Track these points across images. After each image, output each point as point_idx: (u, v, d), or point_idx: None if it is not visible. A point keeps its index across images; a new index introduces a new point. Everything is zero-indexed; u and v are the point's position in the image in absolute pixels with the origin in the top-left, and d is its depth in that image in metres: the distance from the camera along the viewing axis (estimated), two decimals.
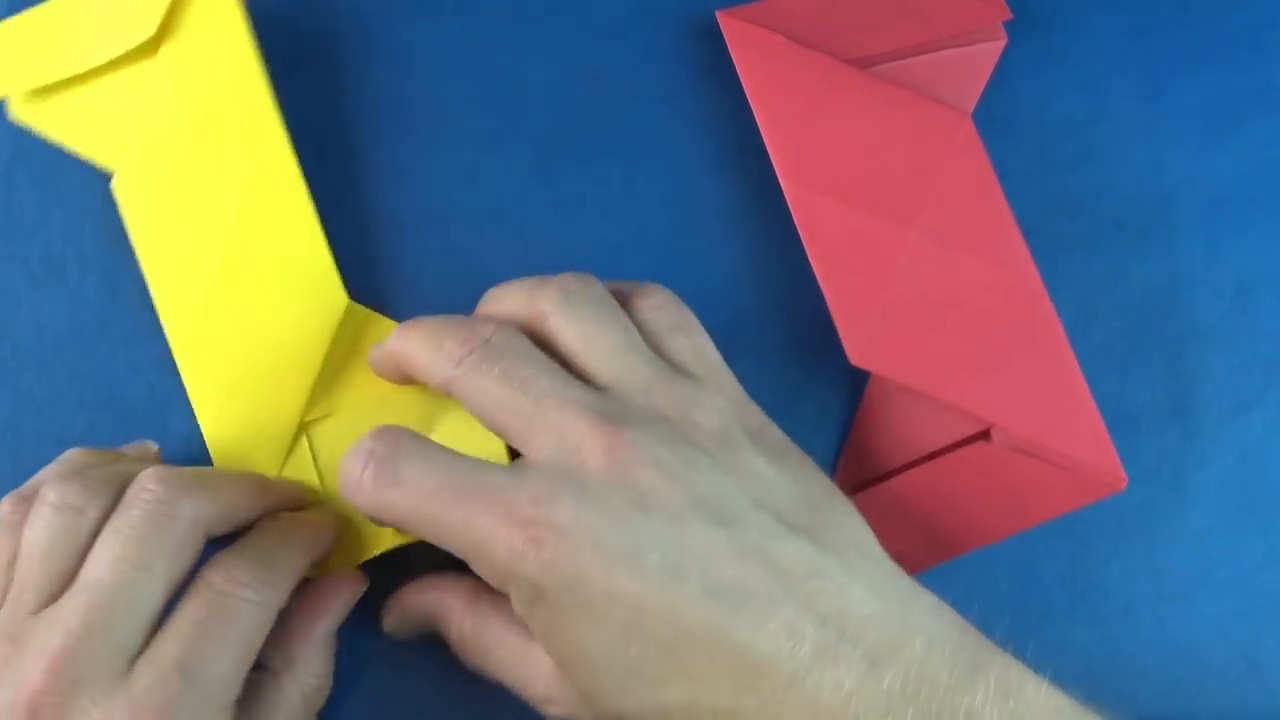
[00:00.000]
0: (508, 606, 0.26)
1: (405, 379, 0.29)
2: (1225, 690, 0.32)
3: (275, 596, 0.26)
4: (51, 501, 0.26)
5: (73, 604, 0.25)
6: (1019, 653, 0.26)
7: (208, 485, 0.27)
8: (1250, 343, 0.33)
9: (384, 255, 0.33)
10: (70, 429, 0.32)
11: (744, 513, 0.25)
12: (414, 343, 0.28)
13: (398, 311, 0.31)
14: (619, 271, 0.33)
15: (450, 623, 0.28)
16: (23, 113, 0.32)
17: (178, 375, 0.33)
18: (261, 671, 0.27)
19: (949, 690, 0.23)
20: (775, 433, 0.27)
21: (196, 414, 0.31)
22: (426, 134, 0.34)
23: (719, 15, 0.33)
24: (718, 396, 0.27)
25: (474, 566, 0.25)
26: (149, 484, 0.26)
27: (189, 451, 0.32)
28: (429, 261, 0.33)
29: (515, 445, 0.26)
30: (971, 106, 0.33)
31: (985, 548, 0.31)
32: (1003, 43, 0.33)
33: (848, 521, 0.26)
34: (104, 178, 0.33)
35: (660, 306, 0.28)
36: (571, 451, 0.25)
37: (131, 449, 0.31)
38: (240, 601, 0.26)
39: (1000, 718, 0.23)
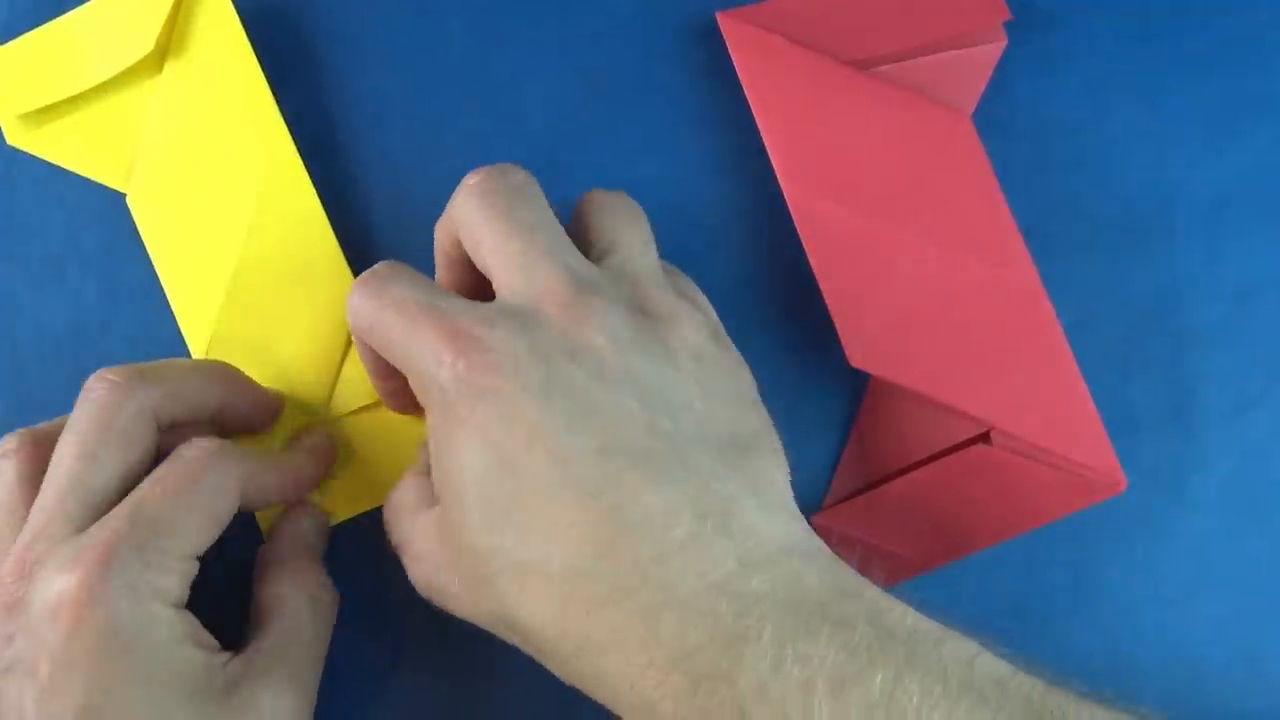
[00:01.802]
0: (426, 479, 0.26)
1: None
2: (1226, 691, 0.32)
3: (244, 469, 0.27)
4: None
5: (37, 507, 0.26)
6: (1020, 653, 0.25)
7: (156, 375, 0.28)
8: (1250, 345, 0.33)
9: (385, 255, 0.33)
10: None
11: (669, 406, 0.24)
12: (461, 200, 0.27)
13: None
14: None
15: (394, 512, 0.28)
16: (19, 139, 0.33)
17: None
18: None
19: (820, 602, 0.22)
20: (747, 377, 0.27)
21: None
22: (426, 134, 0.34)
23: (719, 16, 0.33)
24: (706, 322, 0.27)
25: (410, 380, 0.26)
26: (95, 382, 0.27)
27: None
28: (429, 261, 0.33)
29: (492, 277, 0.26)
30: (972, 108, 0.33)
31: (986, 550, 0.31)
32: (1003, 44, 0.33)
33: (766, 460, 0.25)
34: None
35: (650, 240, 0.29)
36: (534, 296, 0.25)
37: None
38: (204, 469, 0.26)
39: (869, 631, 0.22)
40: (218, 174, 0.32)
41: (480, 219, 0.26)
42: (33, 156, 0.33)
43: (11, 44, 0.33)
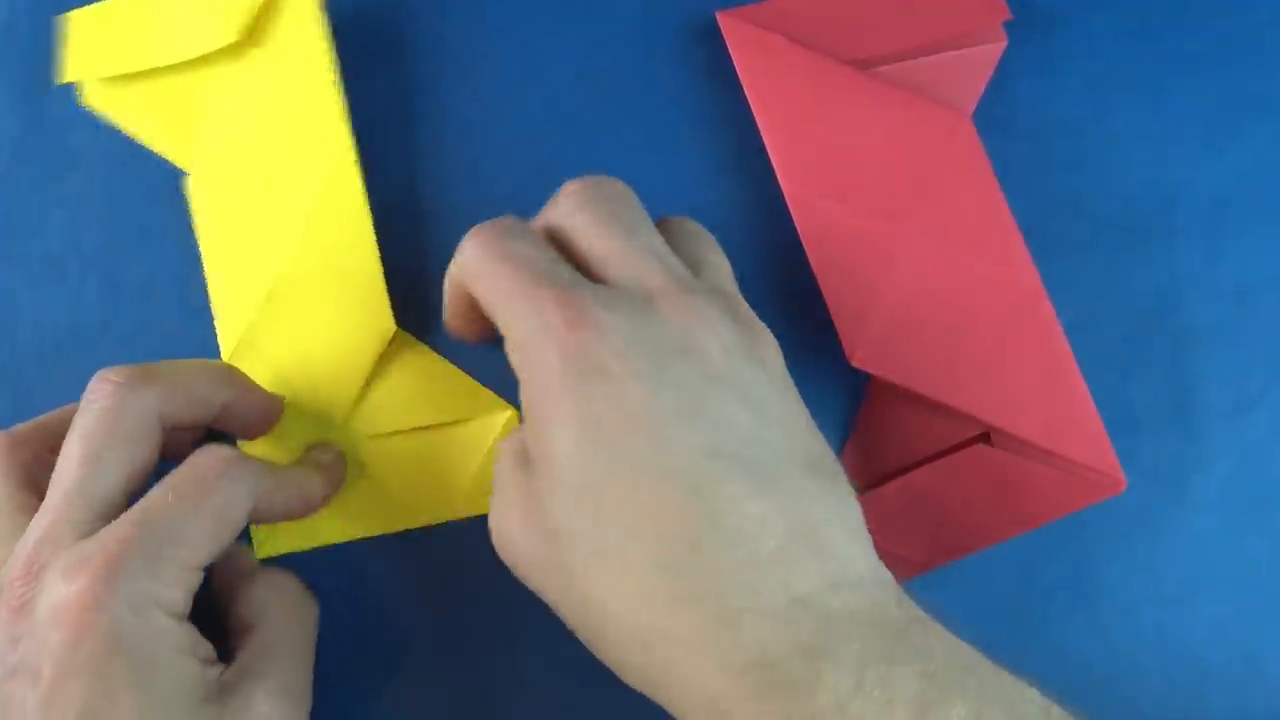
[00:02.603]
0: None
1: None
2: (1226, 691, 0.32)
3: (250, 474, 0.27)
4: None
5: (43, 509, 0.26)
6: (1020, 653, 0.25)
7: (159, 375, 0.27)
8: (1251, 344, 0.33)
9: (387, 255, 0.33)
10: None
11: (770, 421, 0.24)
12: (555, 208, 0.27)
13: (399, 313, 0.31)
14: None
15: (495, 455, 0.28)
16: (97, 99, 0.33)
17: None
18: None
19: (900, 630, 0.22)
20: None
21: None
22: (426, 133, 0.34)
23: (719, 16, 0.33)
24: (780, 356, 0.27)
25: (509, 339, 0.25)
26: (98, 384, 0.27)
27: None
28: (428, 261, 0.33)
29: (598, 272, 0.26)
30: (972, 108, 0.33)
31: (986, 550, 0.31)
32: (1003, 44, 0.33)
33: (847, 488, 0.25)
34: (106, 178, 0.33)
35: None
36: (646, 290, 0.25)
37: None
38: (218, 477, 0.26)
39: (951, 660, 0.22)
40: (278, 173, 0.31)
41: (586, 219, 0.26)
42: (33, 156, 0.33)
43: (95, 7, 0.33)
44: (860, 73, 0.32)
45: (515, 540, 0.25)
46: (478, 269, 0.26)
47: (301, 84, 0.32)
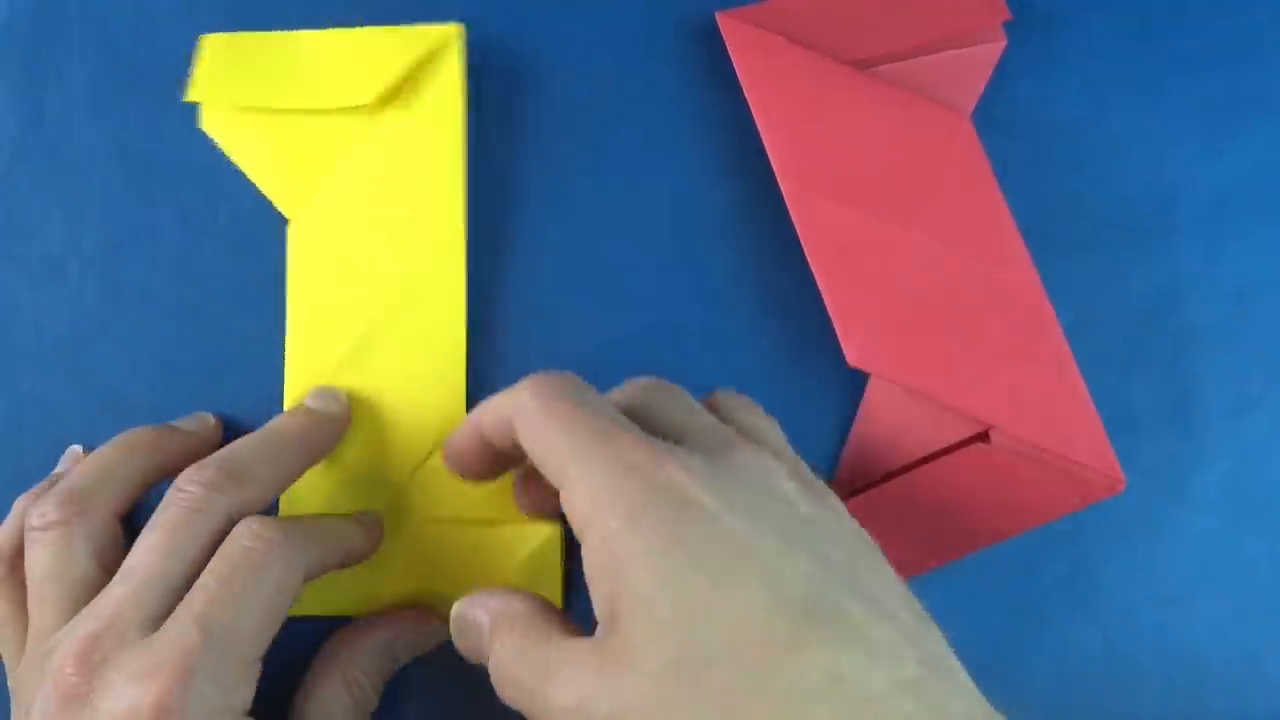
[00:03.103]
0: (554, 618, 0.25)
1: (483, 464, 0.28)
2: (1225, 691, 0.32)
3: (304, 558, 0.26)
4: (37, 524, 0.27)
5: (107, 597, 0.25)
6: (1020, 653, 0.25)
7: (241, 480, 0.27)
8: (1250, 345, 0.33)
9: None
10: (70, 429, 0.32)
11: (861, 559, 0.24)
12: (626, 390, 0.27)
13: None
14: (619, 271, 0.33)
15: (491, 638, 0.25)
16: (214, 125, 0.33)
17: (177, 375, 0.33)
18: (321, 665, 0.28)
19: None
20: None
21: None
22: None
23: (719, 16, 0.33)
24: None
25: (572, 490, 0.23)
26: (185, 485, 0.27)
27: None
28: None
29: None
30: (971, 107, 0.33)
31: (985, 550, 0.31)
32: (1002, 44, 0.33)
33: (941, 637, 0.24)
34: (106, 178, 0.33)
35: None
36: (722, 437, 0.25)
37: (189, 422, 0.32)
38: (265, 557, 0.26)
39: None
40: (385, 237, 0.31)
41: (653, 398, 0.26)
42: (33, 156, 0.33)
43: (232, 35, 0.33)
44: (859, 73, 0.32)
45: (609, 707, 0.22)
46: (540, 417, 0.24)
47: (429, 153, 0.32)
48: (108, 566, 0.27)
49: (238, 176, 0.33)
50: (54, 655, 0.25)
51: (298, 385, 0.31)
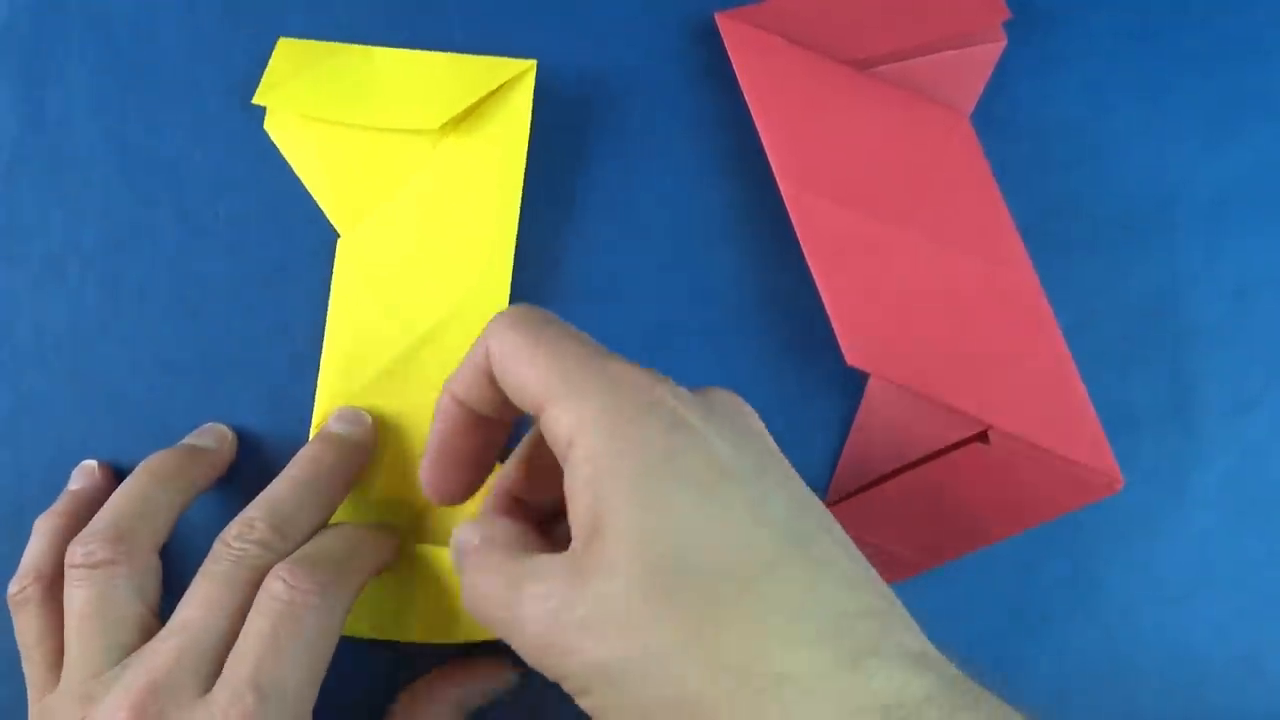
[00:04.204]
0: (525, 535, 0.25)
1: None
2: (1225, 691, 0.32)
3: (340, 599, 0.27)
4: (83, 562, 0.28)
5: (164, 645, 0.25)
6: (1020, 652, 0.25)
7: (288, 535, 0.28)
8: (1250, 343, 0.33)
9: None
10: (70, 429, 0.32)
11: (809, 509, 0.24)
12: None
13: None
14: (619, 272, 0.33)
15: (454, 542, 0.26)
16: (277, 130, 0.33)
17: (177, 375, 0.33)
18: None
19: (975, 699, 0.22)
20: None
21: None
22: None
23: (718, 17, 0.33)
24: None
25: (554, 410, 0.23)
26: (235, 543, 0.27)
27: None
28: None
29: None
30: (971, 107, 0.33)
31: (985, 550, 0.31)
32: (1002, 44, 0.33)
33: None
34: (106, 178, 0.33)
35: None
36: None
37: (205, 437, 0.32)
38: (304, 609, 0.26)
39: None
40: (435, 261, 0.31)
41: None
42: (32, 156, 0.33)
43: (307, 42, 0.33)
44: (859, 73, 0.32)
45: (570, 619, 0.22)
46: (524, 344, 0.24)
47: (488, 183, 0.32)
48: (150, 603, 0.28)
49: (238, 176, 0.33)
50: (102, 702, 0.25)
51: (330, 395, 0.31)
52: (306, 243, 0.33)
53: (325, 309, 0.32)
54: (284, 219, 0.33)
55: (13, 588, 0.29)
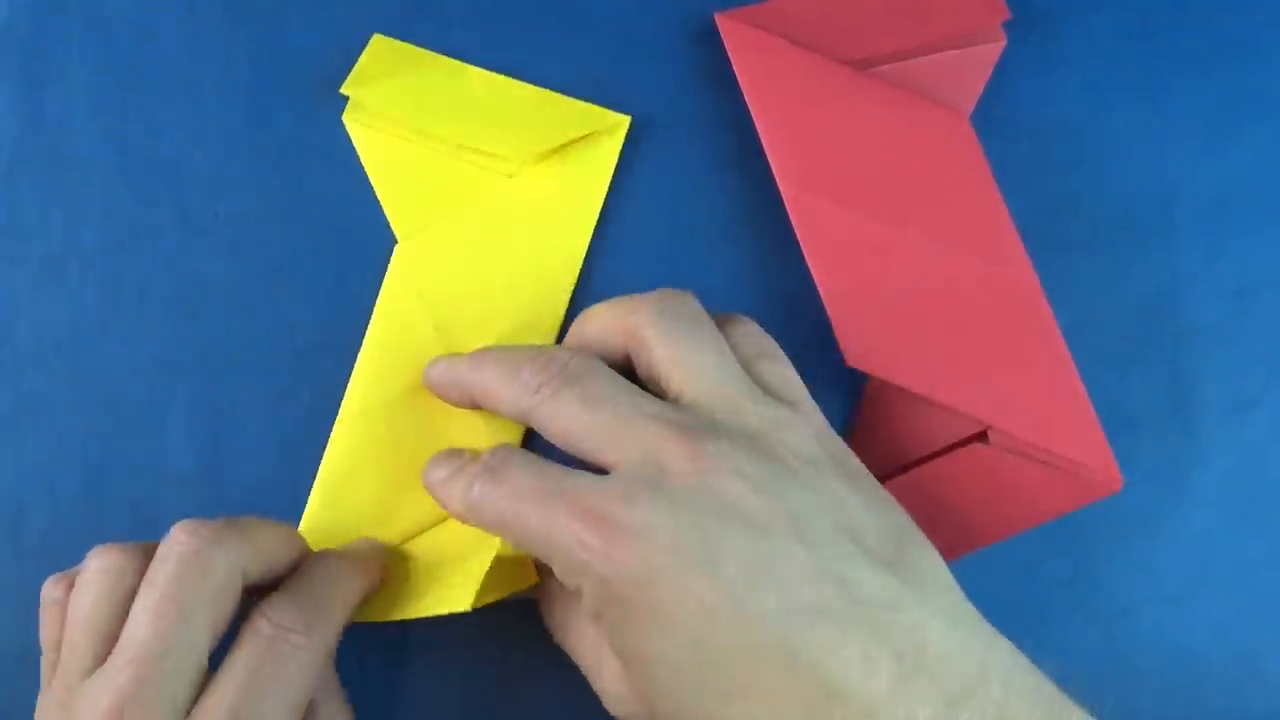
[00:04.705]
0: None
1: (472, 405, 0.29)
2: (1225, 691, 0.32)
3: (325, 639, 0.26)
4: (93, 568, 0.27)
5: (118, 662, 0.25)
6: (1020, 652, 0.25)
7: (241, 533, 0.27)
8: (1250, 343, 0.33)
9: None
10: (70, 429, 0.32)
11: (825, 534, 0.24)
12: (490, 372, 0.28)
13: None
14: (619, 272, 0.33)
15: (549, 606, 0.28)
16: (354, 124, 0.33)
17: (177, 375, 0.33)
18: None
19: None
20: (857, 463, 0.27)
21: (316, 485, 0.31)
22: None
23: (718, 17, 0.33)
24: (805, 423, 0.26)
25: (554, 568, 0.25)
26: (180, 535, 0.26)
27: (190, 454, 0.32)
28: None
29: (597, 463, 0.25)
30: (971, 107, 0.33)
31: (985, 549, 0.31)
32: (1002, 44, 0.33)
33: (925, 556, 0.25)
34: (106, 178, 0.33)
35: (750, 334, 0.28)
36: (653, 460, 0.24)
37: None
38: (290, 647, 0.25)
39: None
40: (490, 287, 0.31)
41: (553, 407, 0.26)
42: (32, 156, 0.33)
43: (406, 45, 0.33)
44: (859, 73, 0.32)
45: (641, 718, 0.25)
46: (494, 518, 0.25)
47: (560, 226, 0.32)
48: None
49: (238, 176, 0.33)
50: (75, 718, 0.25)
51: (362, 395, 0.31)
52: (307, 243, 0.33)
53: (326, 309, 0.32)
54: (285, 219, 0.33)
55: (48, 585, 0.28)
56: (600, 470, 0.25)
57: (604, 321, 0.28)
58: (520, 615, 0.30)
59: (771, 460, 0.24)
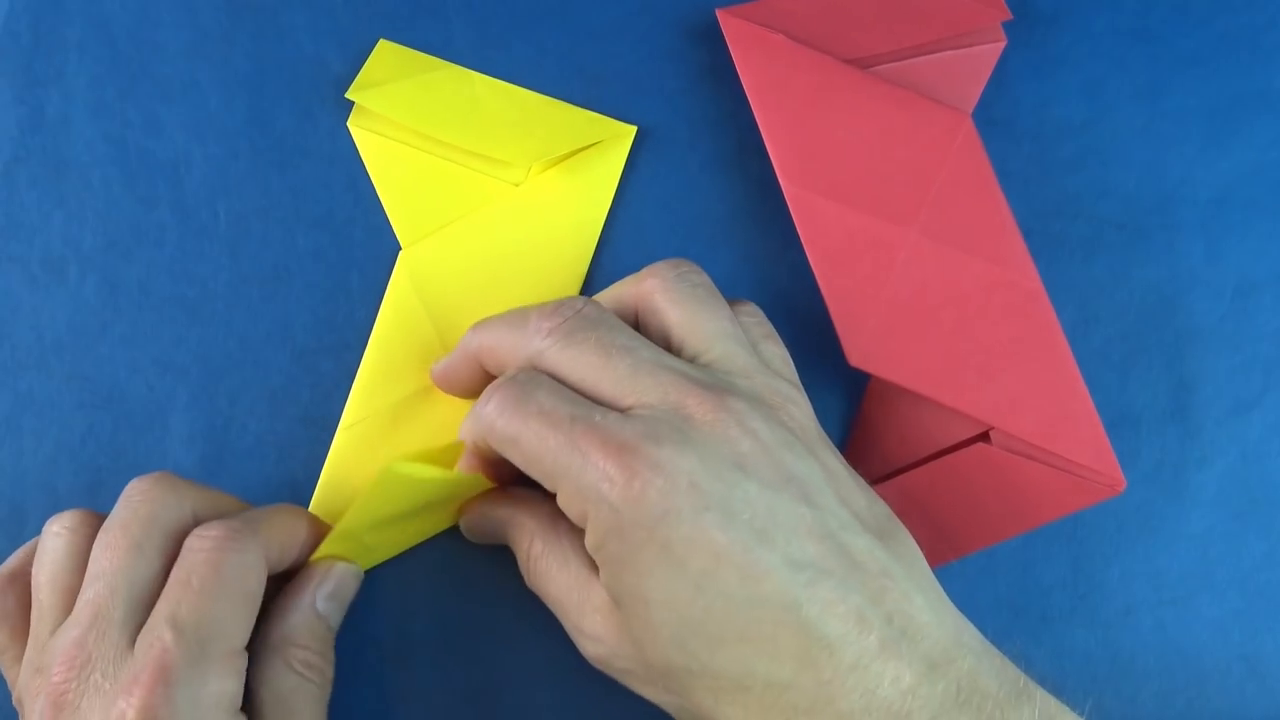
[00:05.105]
0: (581, 537, 0.26)
1: (478, 379, 0.29)
2: (1225, 692, 0.32)
3: (257, 546, 0.26)
4: (51, 530, 0.28)
5: (81, 600, 0.26)
6: (1020, 653, 0.26)
7: (192, 485, 0.28)
8: (1250, 344, 0.33)
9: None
10: (70, 429, 0.32)
11: (828, 501, 0.25)
12: (495, 328, 0.28)
13: None
14: (619, 271, 0.33)
15: (523, 537, 0.28)
16: (360, 129, 0.33)
17: (177, 375, 0.33)
18: (260, 651, 0.28)
19: (997, 705, 0.23)
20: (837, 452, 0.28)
21: (319, 485, 0.31)
22: None
23: (719, 14, 0.33)
24: (805, 403, 0.27)
25: (561, 492, 0.25)
26: (135, 485, 0.27)
27: (190, 454, 0.32)
28: None
29: (614, 402, 0.26)
30: (971, 107, 0.33)
31: (986, 550, 0.31)
32: (1002, 44, 0.33)
33: (907, 539, 0.26)
34: (106, 178, 0.33)
35: (754, 316, 0.29)
36: (675, 404, 0.25)
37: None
38: (221, 553, 0.26)
39: None
40: (493, 293, 0.31)
41: (570, 355, 0.26)
42: (32, 156, 0.33)
43: (411, 50, 0.33)
44: (860, 71, 0.32)
45: (625, 670, 0.26)
46: (508, 431, 0.26)
47: (564, 233, 0.32)
48: None
49: (238, 176, 0.33)
50: (44, 665, 0.25)
51: (364, 400, 0.31)
52: (307, 243, 0.33)
53: (325, 310, 0.32)
54: (285, 219, 0.33)
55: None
56: None
57: (617, 289, 0.28)
58: (520, 615, 0.30)
59: (782, 428, 0.25)
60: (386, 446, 0.31)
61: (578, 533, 0.26)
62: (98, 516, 0.28)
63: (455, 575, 0.31)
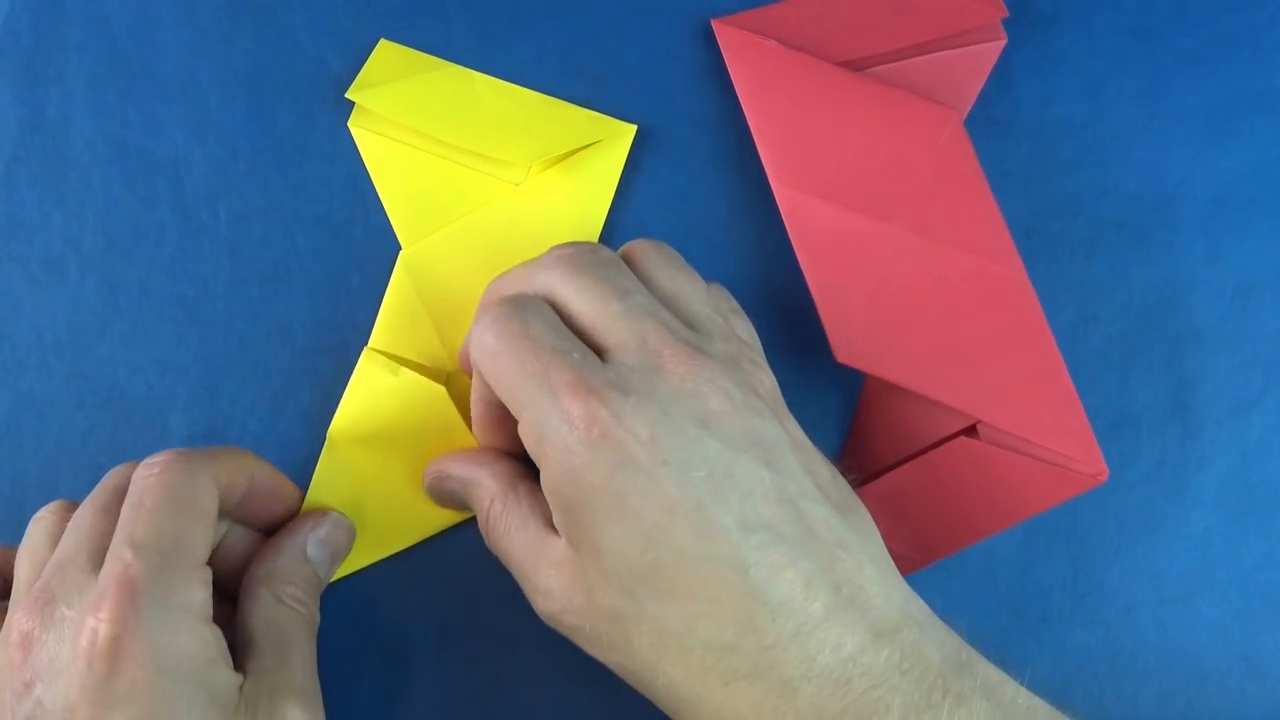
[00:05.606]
0: (540, 497, 0.26)
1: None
2: (1225, 692, 0.32)
3: (205, 466, 0.27)
4: (33, 519, 0.28)
5: (51, 560, 0.26)
6: (1020, 652, 0.26)
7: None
8: (1250, 344, 0.33)
9: None
10: (70, 429, 0.32)
11: (789, 466, 0.25)
12: (513, 269, 0.28)
13: None
14: None
15: (483, 497, 0.28)
16: (361, 129, 0.33)
17: (177, 375, 0.33)
18: (249, 586, 0.28)
19: (940, 674, 0.23)
20: None
21: (312, 484, 0.31)
22: None
23: (714, 24, 0.33)
24: (770, 374, 0.27)
25: (523, 420, 0.25)
26: (118, 467, 0.28)
27: None
28: None
29: (597, 338, 0.26)
30: (970, 106, 0.33)
31: (985, 548, 0.31)
32: (1002, 43, 0.33)
33: (864, 514, 0.26)
34: (106, 178, 0.33)
35: (720, 291, 0.29)
36: (652, 355, 0.25)
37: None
38: (169, 474, 0.26)
39: (985, 707, 0.23)
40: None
41: (574, 285, 0.26)
42: (33, 156, 0.33)
43: (411, 50, 0.33)
44: (852, 73, 0.32)
45: (575, 625, 0.26)
46: (492, 350, 0.26)
47: (565, 232, 0.32)
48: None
49: (238, 176, 0.33)
50: (14, 614, 0.25)
51: (358, 402, 0.31)
52: (307, 243, 0.33)
53: (325, 310, 0.32)
54: (285, 219, 0.33)
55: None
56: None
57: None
58: (520, 615, 0.30)
59: (752, 393, 0.26)
60: (385, 446, 0.31)
61: (538, 495, 0.27)
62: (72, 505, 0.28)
63: (455, 575, 0.32)
